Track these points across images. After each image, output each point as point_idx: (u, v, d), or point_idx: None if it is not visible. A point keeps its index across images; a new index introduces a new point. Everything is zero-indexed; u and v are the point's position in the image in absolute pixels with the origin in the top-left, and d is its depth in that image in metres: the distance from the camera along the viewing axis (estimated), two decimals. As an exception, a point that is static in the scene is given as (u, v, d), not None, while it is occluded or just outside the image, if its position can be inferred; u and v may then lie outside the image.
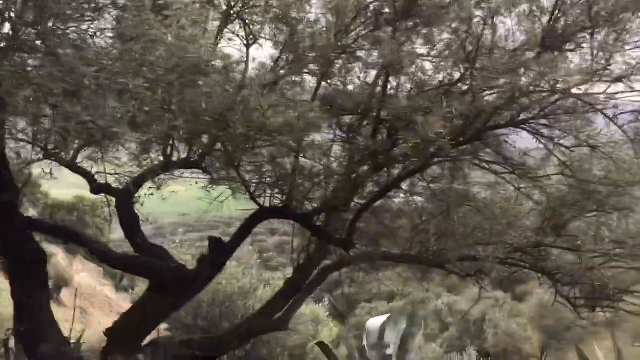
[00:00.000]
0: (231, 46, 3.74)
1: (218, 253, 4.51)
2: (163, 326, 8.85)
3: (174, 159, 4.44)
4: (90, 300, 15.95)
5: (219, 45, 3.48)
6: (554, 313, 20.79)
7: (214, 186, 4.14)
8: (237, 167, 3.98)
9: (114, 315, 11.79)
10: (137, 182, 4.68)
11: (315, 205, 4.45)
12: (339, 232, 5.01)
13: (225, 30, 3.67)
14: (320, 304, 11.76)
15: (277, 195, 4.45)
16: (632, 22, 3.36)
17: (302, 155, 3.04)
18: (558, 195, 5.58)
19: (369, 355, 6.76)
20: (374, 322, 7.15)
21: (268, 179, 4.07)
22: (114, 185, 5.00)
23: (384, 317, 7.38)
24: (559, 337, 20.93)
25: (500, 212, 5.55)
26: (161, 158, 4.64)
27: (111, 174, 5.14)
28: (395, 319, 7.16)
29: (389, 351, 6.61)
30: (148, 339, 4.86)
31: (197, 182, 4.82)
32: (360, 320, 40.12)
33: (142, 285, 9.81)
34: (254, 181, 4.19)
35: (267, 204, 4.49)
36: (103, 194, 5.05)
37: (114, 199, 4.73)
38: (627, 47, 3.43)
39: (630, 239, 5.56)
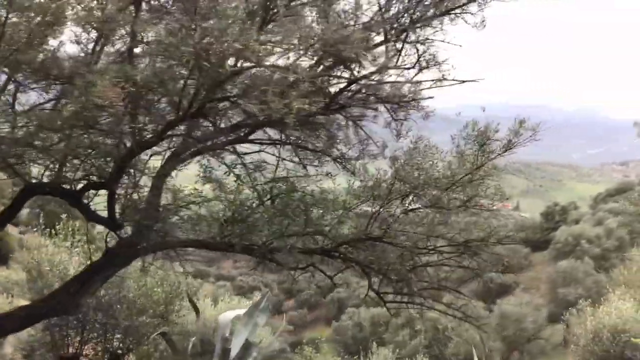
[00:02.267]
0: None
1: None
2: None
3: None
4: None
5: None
6: (515, 324, 20.39)
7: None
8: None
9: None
10: None
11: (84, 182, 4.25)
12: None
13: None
14: (250, 301, 11.59)
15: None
16: None
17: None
18: (384, 190, 5.38)
19: (216, 348, 6.56)
20: (226, 316, 6.94)
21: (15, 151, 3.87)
22: None
23: (240, 311, 7.17)
24: (521, 349, 20.44)
25: (323, 203, 5.34)
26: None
27: None
28: (251, 313, 6.95)
29: (230, 345, 6.40)
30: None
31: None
32: (343, 325, 39.60)
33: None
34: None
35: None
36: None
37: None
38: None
39: (454, 235, 5.33)
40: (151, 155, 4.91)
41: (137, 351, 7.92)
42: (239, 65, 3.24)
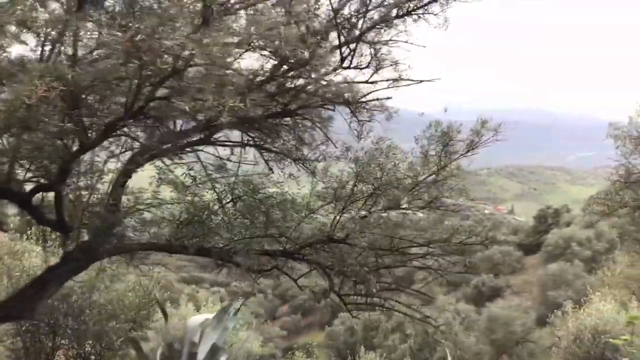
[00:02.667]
0: None
1: None
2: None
3: None
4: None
5: None
6: (504, 327, 20.32)
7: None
8: None
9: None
10: None
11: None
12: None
13: None
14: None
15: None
16: None
17: None
18: (347, 191, 5.35)
19: (183, 353, 6.49)
20: (195, 320, 6.87)
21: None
22: None
23: (209, 316, 7.10)
24: (510, 352, 20.38)
25: (284, 205, 5.31)
26: None
27: None
28: (220, 317, 6.88)
29: (197, 349, 6.34)
30: None
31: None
32: (335, 330, 39.40)
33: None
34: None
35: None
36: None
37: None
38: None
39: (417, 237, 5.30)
40: (109, 158, 4.86)
41: (108, 357, 7.83)
42: (178, 64, 3.20)
